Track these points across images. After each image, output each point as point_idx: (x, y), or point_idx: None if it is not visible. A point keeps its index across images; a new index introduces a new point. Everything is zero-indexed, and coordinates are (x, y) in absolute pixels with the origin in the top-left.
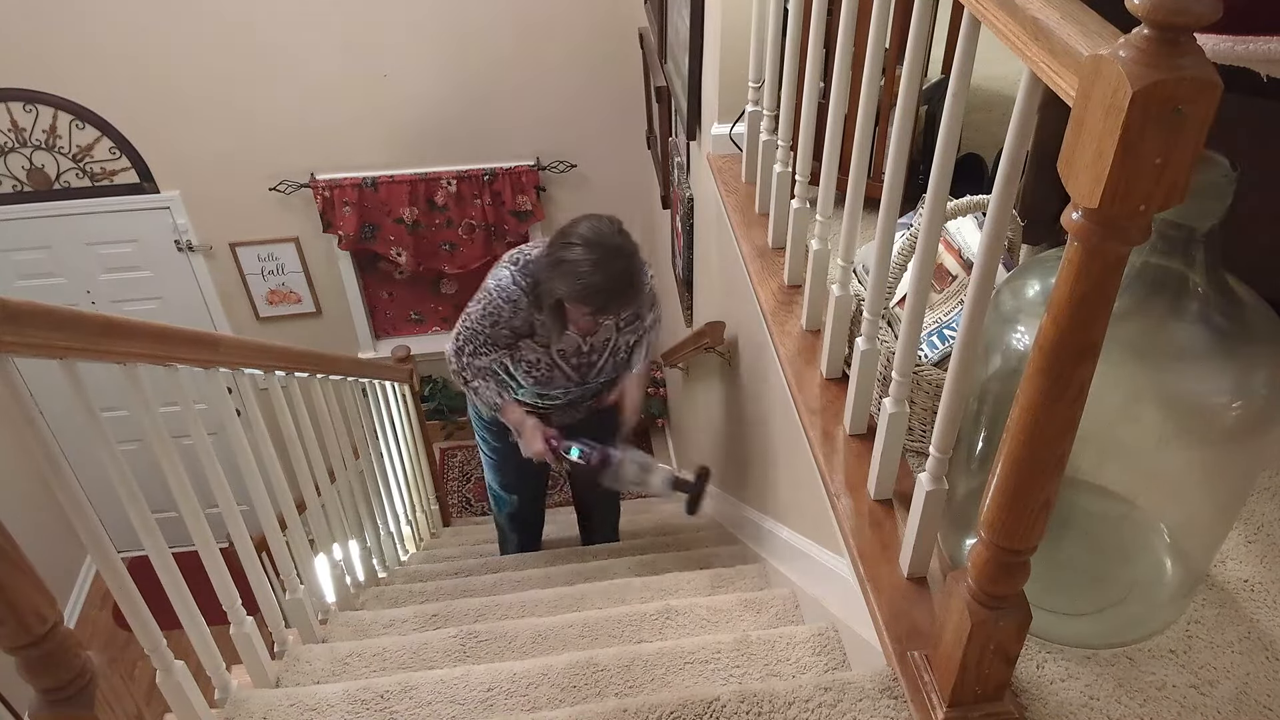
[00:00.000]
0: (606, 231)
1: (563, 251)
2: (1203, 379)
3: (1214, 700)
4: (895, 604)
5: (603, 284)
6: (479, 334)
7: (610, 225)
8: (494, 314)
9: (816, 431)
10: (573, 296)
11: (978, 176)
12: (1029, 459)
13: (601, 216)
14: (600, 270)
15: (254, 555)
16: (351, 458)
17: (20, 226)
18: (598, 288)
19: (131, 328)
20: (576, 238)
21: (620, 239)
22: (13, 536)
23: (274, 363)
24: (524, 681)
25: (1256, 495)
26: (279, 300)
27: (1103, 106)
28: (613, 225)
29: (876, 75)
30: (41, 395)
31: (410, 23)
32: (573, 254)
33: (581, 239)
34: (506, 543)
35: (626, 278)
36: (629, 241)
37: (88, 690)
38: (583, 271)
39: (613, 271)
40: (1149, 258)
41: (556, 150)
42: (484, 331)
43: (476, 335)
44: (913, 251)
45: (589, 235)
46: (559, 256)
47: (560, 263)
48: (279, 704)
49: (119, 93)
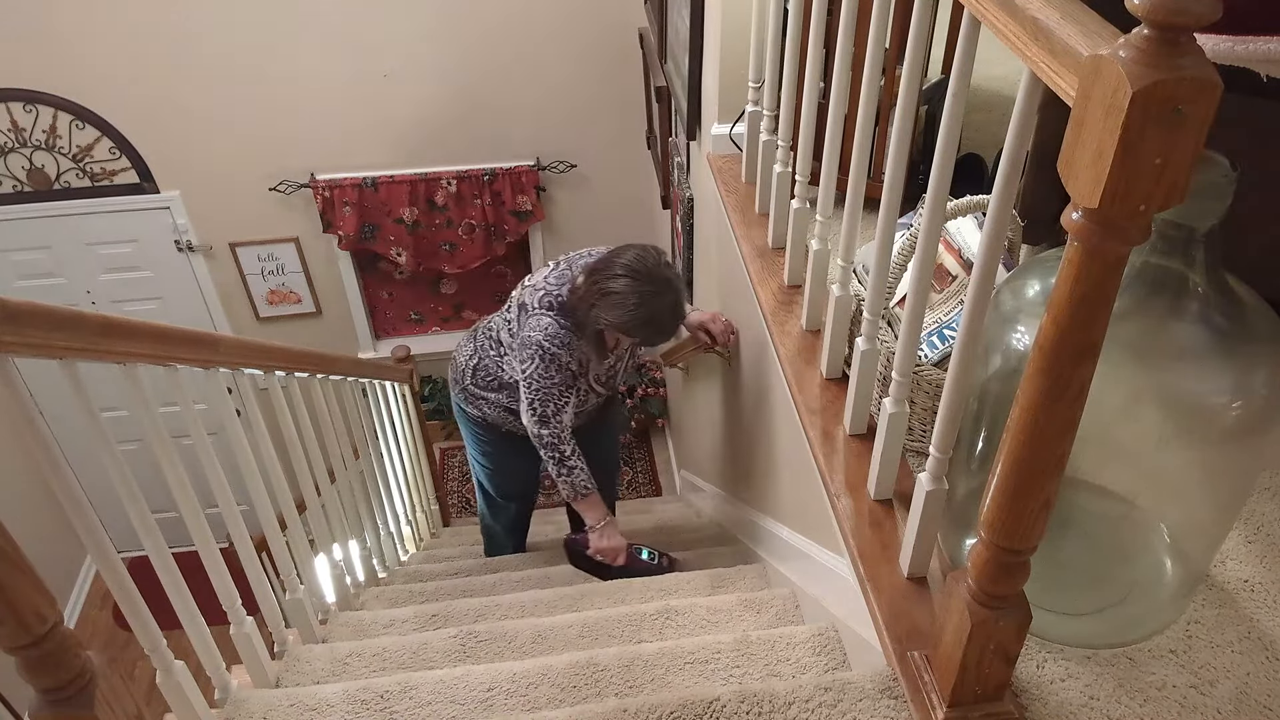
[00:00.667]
0: (653, 264)
1: (609, 282)
2: (1203, 379)
3: (1214, 700)
4: (895, 604)
5: (650, 317)
6: (552, 388)
7: (656, 256)
8: (554, 361)
9: (816, 431)
10: (622, 328)
11: (978, 176)
12: (1029, 459)
13: (647, 247)
14: (648, 304)
15: (254, 555)
16: (351, 458)
17: (20, 226)
18: (645, 320)
19: (131, 328)
20: (622, 268)
21: (668, 271)
22: (13, 536)
23: (274, 363)
24: (524, 681)
25: (1256, 495)
26: (279, 300)
27: (1103, 106)
28: (659, 256)
29: (876, 75)
30: (41, 395)
31: (410, 23)
32: (619, 285)
33: (628, 269)
34: (498, 548)
35: (674, 311)
36: (674, 273)
37: (88, 690)
38: (631, 304)
39: (661, 305)
40: (1149, 258)
41: (556, 150)
42: (554, 383)
43: (552, 390)
44: (913, 251)
45: (637, 267)
46: (605, 288)
47: (608, 294)
48: (279, 704)
49: (119, 93)
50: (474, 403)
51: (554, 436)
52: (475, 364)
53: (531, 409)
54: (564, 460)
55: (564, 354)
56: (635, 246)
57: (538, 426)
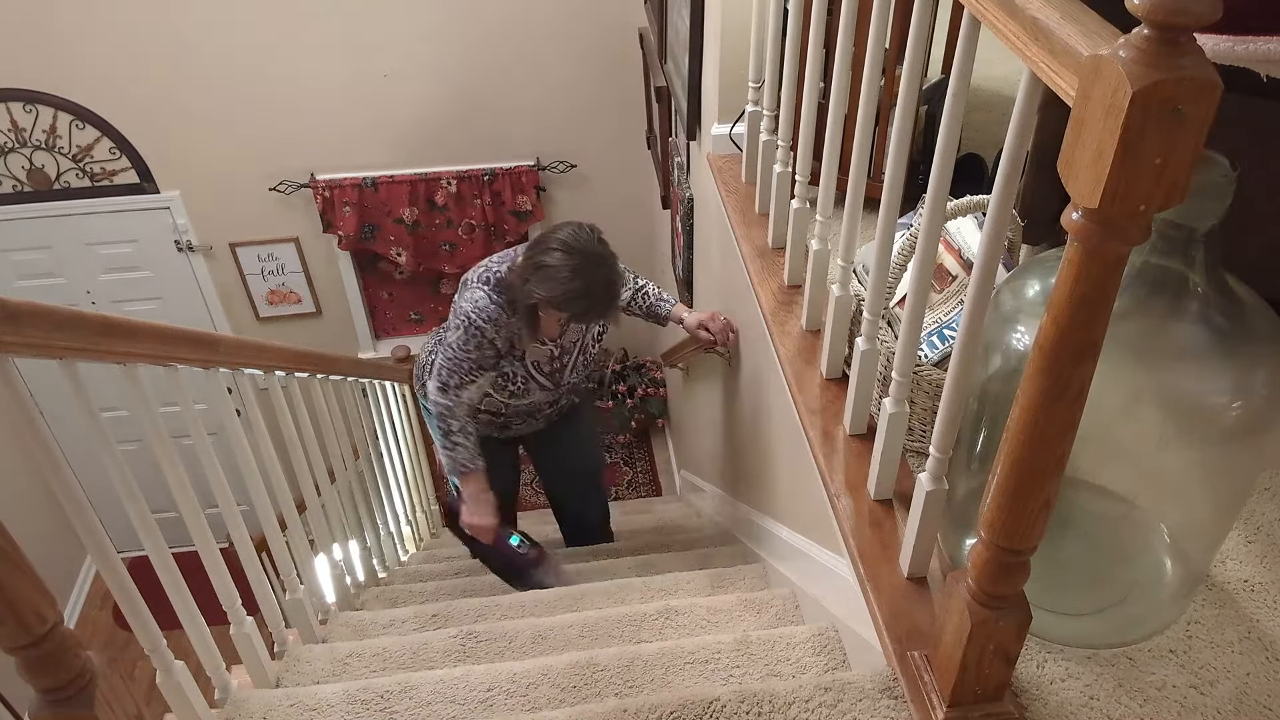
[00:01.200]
0: (587, 239)
1: (542, 256)
2: (1203, 379)
3: (1214, 700)
4: (895, 604)
5: (582, 290)
6: (464, 361)
7: (591, 233)
8: (476, 335)
9: (816, 431)
10: (552, 302)
11: (978, 176)
12: (1029, 459)
13: (582, 224)
14: (580, 277)
15: (254, 555)
16: (351, 458)
17: (20, 226)
18: (577, 294)
19: (131, 328)
20: (556, 243)
21: (600, 247)
22: (13, 536)
23: (274, 363)
24: (524, 681)
25: (1256, 495)
26: (279, 300)
27: (1103, 106)
28: (593, 233)
29: (876, 75)
30: (41, 395)
31: (411, 23)
32: (552, 259)
33: (562, 244)
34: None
35: (606, 286)
36: (608, 250)
37: (88, 690)
38: (562, 277)
39: (593, 279)
40: (1149, 258)
41: (556, 150)
42: (469, 357)
43: (462, 363)
44: (913, 251)
45: (570, 241)
46: (539, 261)
47: (540, 267)
48: (279, 704)
49: (119, 93)
50: None
51: (446, 408)
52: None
53: (438, 374)
54: (449, 434)
55: (489, 328)
56: (571, 223)
57: (437, 394)
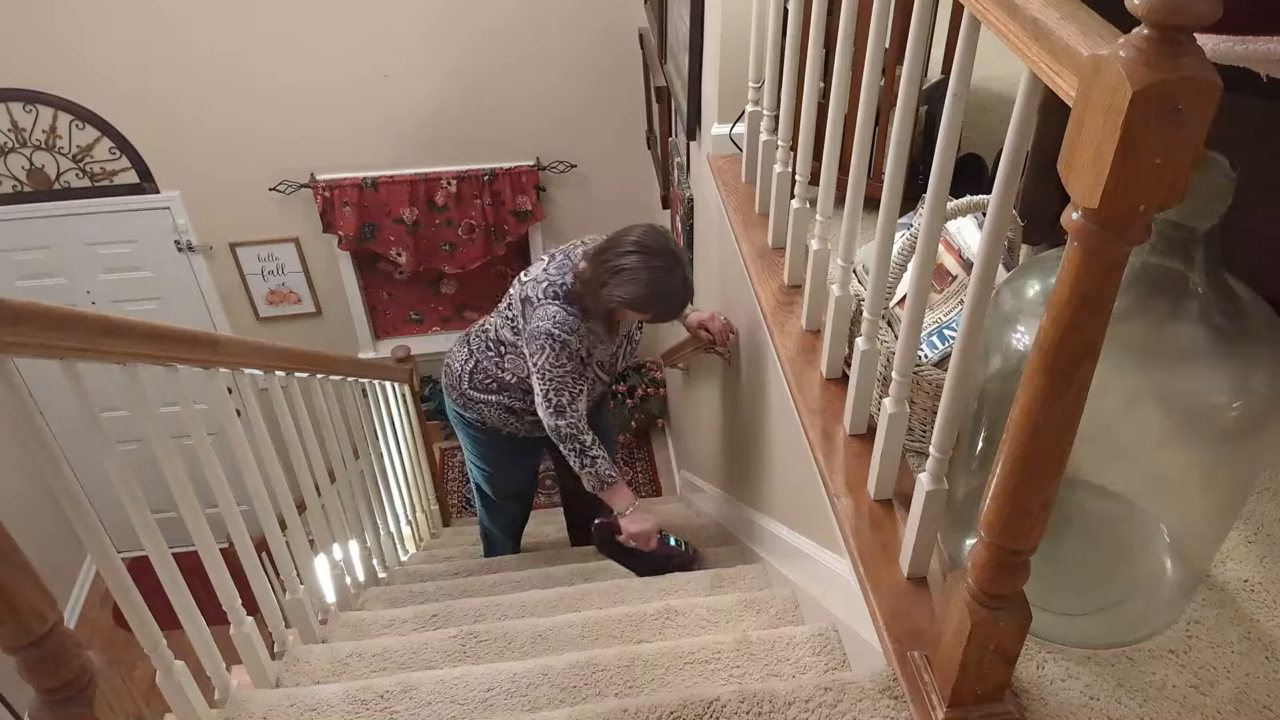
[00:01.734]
0: (661, 239)
1: (620, 260)
2: (1203, 379)
3: (1214, 700)
4: (895, 604)
5: (664, 291)
6: (565, 375)
7: (662, 235)
8: (565, 348)
9: (816, 431)
10: (634, 304)
11: (978, 176)
12: (1029, 459)
13: (652, 225)
14: (661, 279)
15: (254, 555)
16: (351, 458)
17: (20, 226)
18: (660, 294)
19: (131, 328)
20: (632, 245)
21: (675, 246)
22: (13, 537)
23: (274, 363)
24: (524, 681)
25: (1256, 495)
26: (279, 300)
27: (1103, 107)
28: (664, 234)
29: (876, 75)
30: (41, 395)
31: (411, 23)
32: (630, 261)
33: (639, 246)
34: (498, 549)
35: (684, 284)
36: (680, 249)
37: (88, 690)
38: (644, 279)
39: (674, 279)
40: (1149, 258)
41: (556, 150)
42: (567, 371)
43: (564, 378)
44: (913, 251)
45: (647, 243)
46: (618, 265)
47: (620, 270)
48: (279, 704)
49: (119, 93)
50: (472, 407)
51: (572, 427)
52: (472, 368)
53: (547, 400)
54: (585, 450)
55: (574, 340)
56: (641, 225)
57: (554, 418)
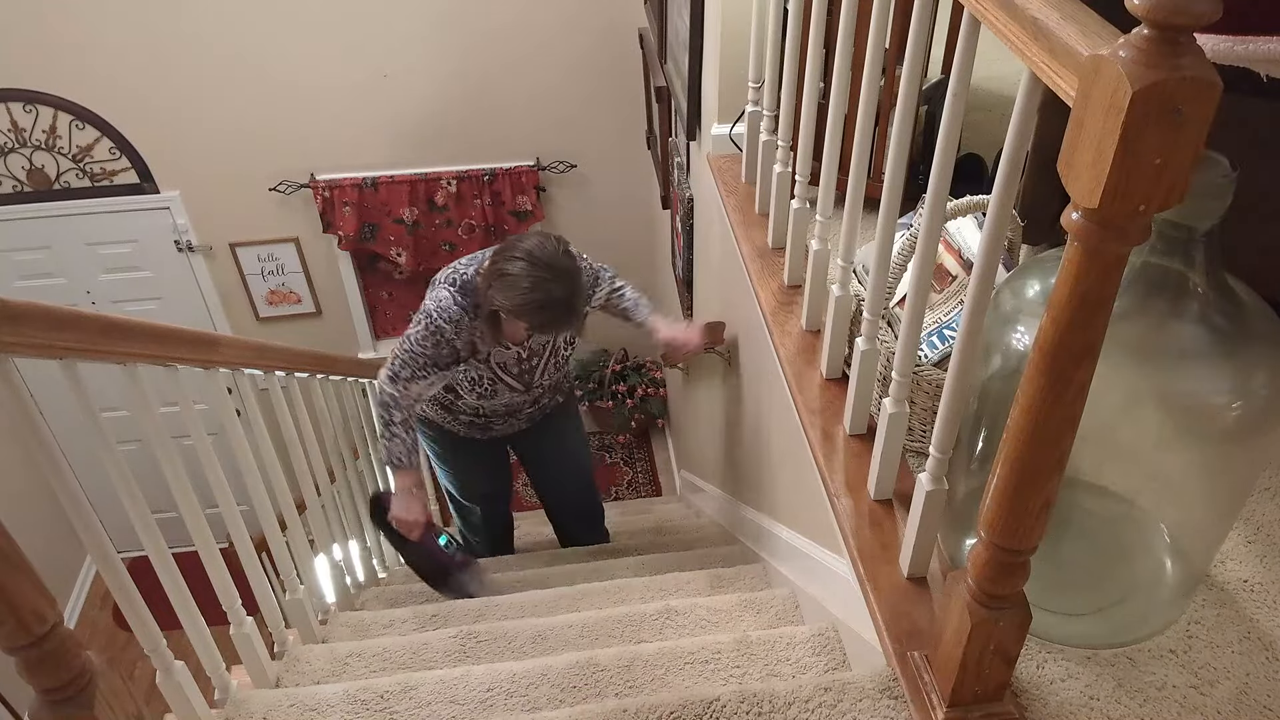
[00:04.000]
0: (552, 250)
1: (505, 264)
2: (1203, 379)
3: (1214, 700)
4: (895, 604)
5: (543, 302)
6: (419, 355)
7: (556, 245)
8: (435, 334)
9: (816, 431)
10: (512, 311)
11: (978, 176)
12: (1029, 459)
13: (549, 235)
14: (540, 289)
15: (254, 555)
16: (351, 458)
17: (20, 226)
18: (538, 305)
19: (131, 328)
20: (520, 252)
21: (566, 260)
22: (13, 537)
23: (274, 363)
24: (524, 681)
25: (1256, 495)
26: (279, 300)
27: (1103, 107)
28: (559, 244)
29: (876, 75)
30: (41, 395)
31: (410, 23)
32: (515, 268)
33: (525, 254)
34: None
35: (566, 300)
36: (574, 263)
37: (88, 690)
38: (523, 287)
39: (554, 292)
40: (1149, 258)
41: (556, 150)
42: (425, 353)
43: (417, 357)
44: (913, 251)
45: (534, 251)
46: (502, 269)
47: (502, 275)
48: (279, 704)
49: (119, 93)
50: None
51: (391, 398)
52: None
53: (390, 363)
54: (389, 424)
55: (449, 329)
56: (539, 234)
57: (386, 382)
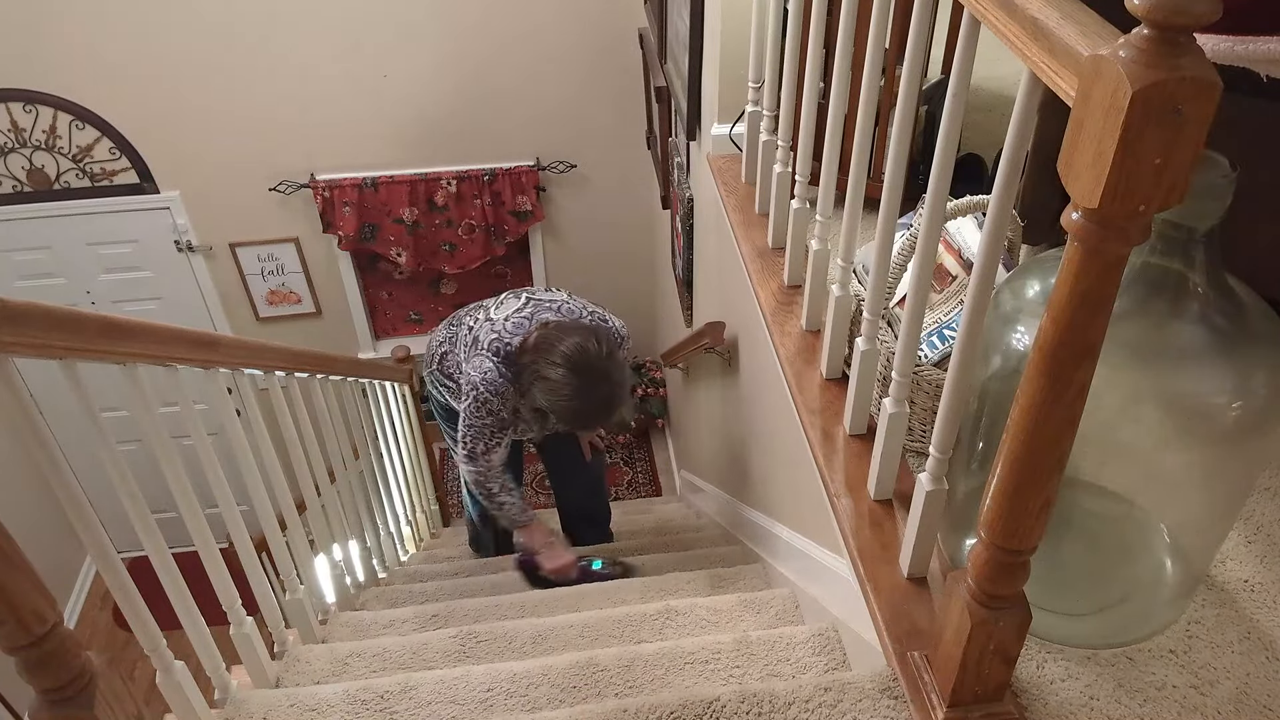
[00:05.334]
0: (593, 353)
1: (548, 368)
2: (1203, 379)
3: (1214, 700)
4: (895, 604)
5: (583, 409)
6: (483, 428)
7: (598, 346)
8: (485, 405)
9: (816, 432)
10: (555, 415)
11: (978, 176)
12: (1029, 459)
13: (591, 334)
14: (581, 397)
15: (254, 555)
16: (351, 458)
17: (20, 226)
18: (578, 411)
19: (131, 328)
20: (560, 358)
21: (607, 363)
22: (13, 536)
23: (274, 363)
24: (524, 681)
25: (1256, 495)
26: (279, 300)
27: (1103, 107)
28: (600, 346)
29: (876, 75)
30: (41, 395)
31: (410, 23)
32: (555, 374)
33: (566, 360)
34: (480, 541)
35: (607, 403)
36: (615, 363)
37: (88, 690)
38: (564, 394)
39: (594, 398)
40: (1149, 258)
41: (556, 150)
42: (485, 423)
43: (481, 430)
44: (913, 251)
45: (576, 358)
46: (543, 372)
47: (542, 379)
48: (279, 704)
49: (119, 93)
50: (438, 389)
51: (480, 474)
52: (444, 352)
53: (462, 443)
54: (492, 497)
55: (495, 401)
56: (582, 330)
57: (466, 463)
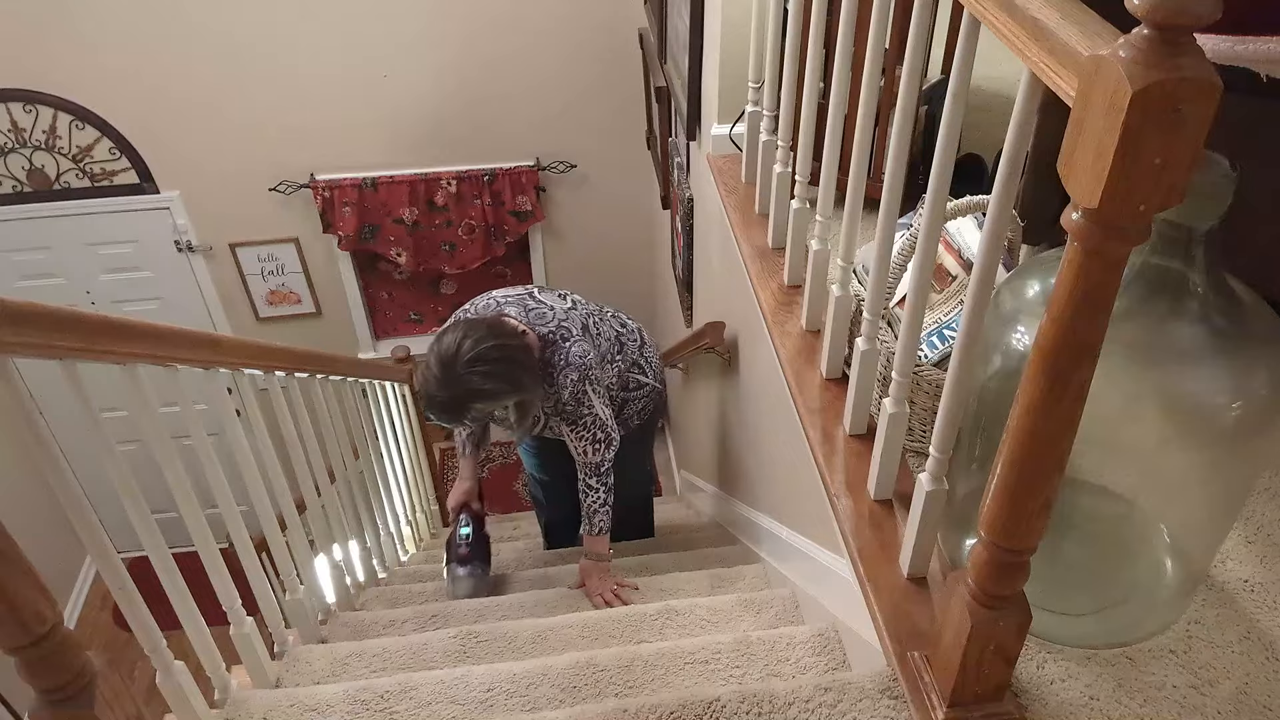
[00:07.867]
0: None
1: (427, 354)
2: (1203, 379)
3: (1214, 700)
4: (895, 604)
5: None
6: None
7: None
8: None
9: (816, 432)
10: None
11: (978, 176)
12: (1029, 459)
13: (475, 327)
14: (425, 387)
15: (254, 555)
16: (351, 458)
17: (20, 226)
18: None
19: (131, 328)
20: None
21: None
22: (12, 537)
23: (274, 363)
24: (524, 681)
25: (1256, 496)
26: (279, 301)
27: (1103, 107)
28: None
29: (876, 75)
30: (41, 395)
31: (410, 23)
32: (425, 359)
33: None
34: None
35: (453, 403)
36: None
37: (88, 690)
38: (419, 380)
39: (441, 397)
40: (1149, 258)
41: (556, 150)
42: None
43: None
44: (913, 251)
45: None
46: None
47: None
48: (279, 704)
49: (119, 93)
50: None
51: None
52: None
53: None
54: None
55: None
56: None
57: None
